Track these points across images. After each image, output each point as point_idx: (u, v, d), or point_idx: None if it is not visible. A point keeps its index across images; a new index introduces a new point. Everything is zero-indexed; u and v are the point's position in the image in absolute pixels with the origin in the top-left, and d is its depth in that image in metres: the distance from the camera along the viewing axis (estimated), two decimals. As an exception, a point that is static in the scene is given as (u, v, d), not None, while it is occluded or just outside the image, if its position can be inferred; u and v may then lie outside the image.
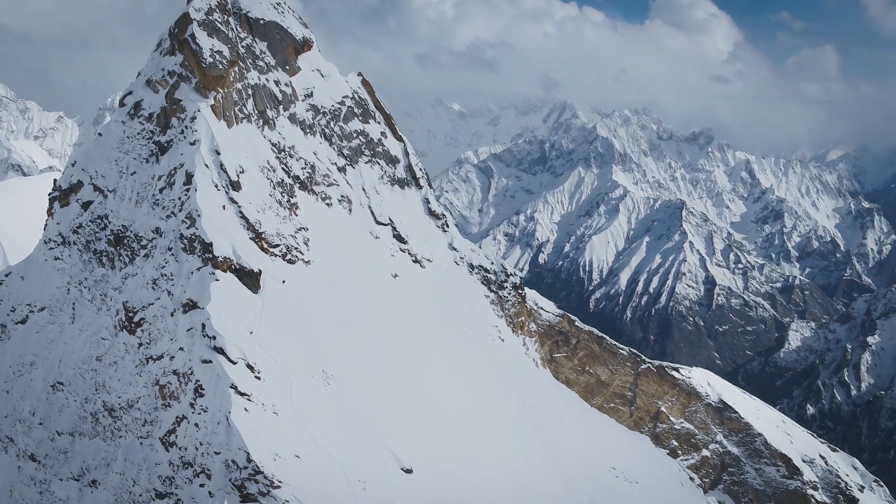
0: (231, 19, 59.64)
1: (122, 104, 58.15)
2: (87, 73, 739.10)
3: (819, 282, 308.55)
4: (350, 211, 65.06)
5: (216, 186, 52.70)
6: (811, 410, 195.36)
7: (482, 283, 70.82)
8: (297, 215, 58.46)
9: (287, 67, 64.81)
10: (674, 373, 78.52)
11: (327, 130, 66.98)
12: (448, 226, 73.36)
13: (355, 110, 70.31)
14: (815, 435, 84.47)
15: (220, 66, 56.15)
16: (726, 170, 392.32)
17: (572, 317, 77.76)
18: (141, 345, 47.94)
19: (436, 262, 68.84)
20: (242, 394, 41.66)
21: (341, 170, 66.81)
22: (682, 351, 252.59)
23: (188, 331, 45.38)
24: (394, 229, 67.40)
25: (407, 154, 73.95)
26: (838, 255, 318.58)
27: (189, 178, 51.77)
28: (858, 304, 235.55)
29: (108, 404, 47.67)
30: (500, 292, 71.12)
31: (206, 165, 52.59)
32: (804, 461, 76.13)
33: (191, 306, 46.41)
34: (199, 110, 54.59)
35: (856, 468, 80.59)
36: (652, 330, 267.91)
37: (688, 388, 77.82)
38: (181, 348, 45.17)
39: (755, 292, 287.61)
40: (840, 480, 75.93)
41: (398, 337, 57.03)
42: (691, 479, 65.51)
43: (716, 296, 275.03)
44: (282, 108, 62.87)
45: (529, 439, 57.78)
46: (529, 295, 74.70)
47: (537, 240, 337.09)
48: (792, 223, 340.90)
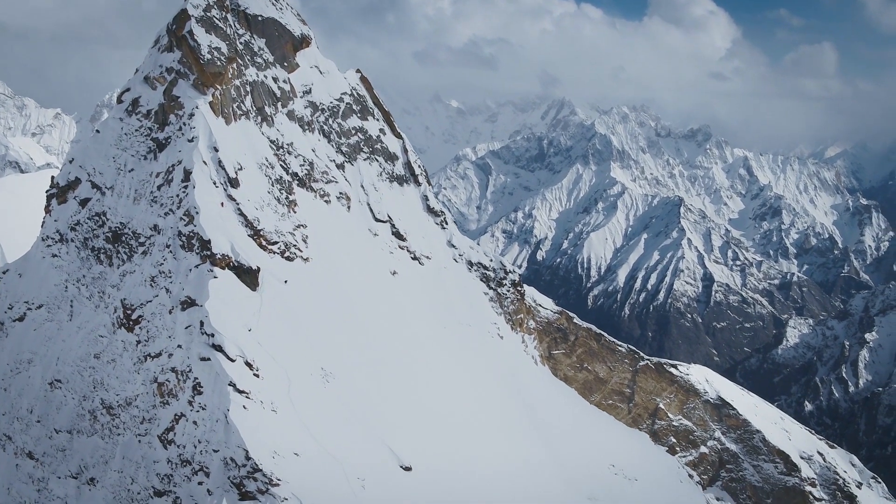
0: (229, 16, 59.43)
1: (119, 101, 57.92)
2: (85, 69, 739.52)
3: (817, 279, 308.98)
4: (349, 208, 64.89)
5: (214, 183, 52.52)
6: (809, 407, 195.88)
7: (481, 280, 70.67)
8: (295, 212, 58.28)
9: (285, 64, 64.60)
10: (672, 370, 78.50)
11: (326, 127, 66.80)
12: (447, 223, 73.17)
13: (354, 107, 70.10)
14: (813, 432, 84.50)
15: (219, 63, 55.94)
16: (724, 167, 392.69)
17: (570, 314, 77.66)
18: (139, 342, 47.80)
19: (435, 259, 68.69)
20: (241, 391, 41.52)
21: (340, 167, 66.63)
22: (680, 348, 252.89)
23: (186, 328, 45.24)
24: (392, 226, 67.23)
25: (406, 151, 73.74)
26: (836, 252, 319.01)
27: (187, 175, 51.57)
28: (856, 300, 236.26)
29: (107, 402, 47.54)
30: (498, 289, 70.99)
31: (205, 162, 52.40)
32: (802, 458, 76.11)
33: (189, 304, 46.27)
34: (197, 107, 54.36)
35: (854, 465, 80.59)
36: (650, 327, 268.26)
37: (686, 385, 77.80)
38: (179, 346, 45.02)
39: (753, 289, 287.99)
40: (838, 477, 75.93)
41: (397, 334, 56.88)
42: (690, 476, 65.53)
43: (714, 293, 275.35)
44: (280, 104, 62.66)
45: (529, 437, 57.68)
46: (528, 292, 74.59)
47: (535, 237, 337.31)
48: (790, 220, 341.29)
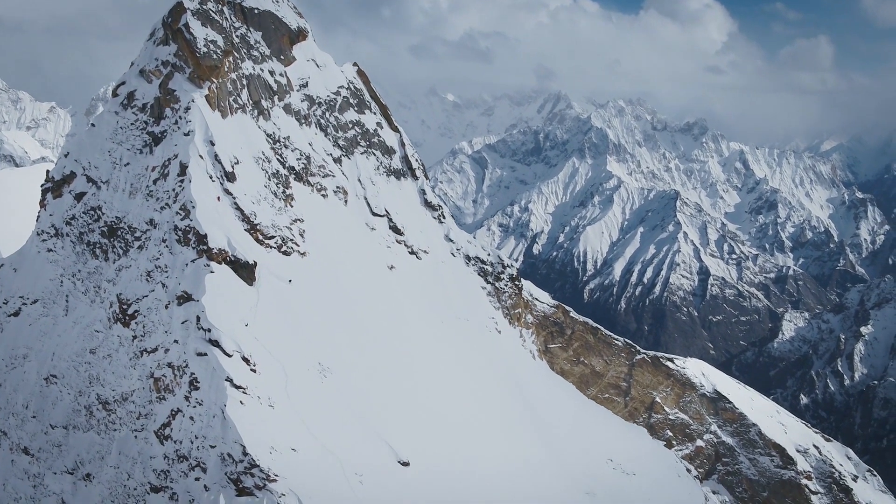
0: (225, 8, 59.00)
1: (115, 94, 57.53)
2: (80, 62, 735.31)
3: (813, 272, 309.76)
4: (346, 202, 64.62)
5: (211, 177, 52.25)
6: (805, 400, 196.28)
7: (479, 274, 70.49)
8: (292, 206, 58.03)
9: (282, 57, 64.21)
10: (668, 363, 78.57)
11: (323, 121, 66.47)
12: (444, 217, 72.93)
13: (351, 101, 69.75)
14: (808, 425, 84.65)
15: (215, 56, 55.55)
16: (720, 160, 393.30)
17: (567, 307, 77.62)
18: (135, 337, 47.57)
19: (432, 253, 68.45)
20: (238, 387, 41.31)
21: (337, 161, 66.32)
22: (676, 341, 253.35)
23: (183, 323, 44.98)
24: (390, 220, 66.98)
25: (403, 145, 73.44)
26: (832, 246, 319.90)
27: (183, 168, 51.24)
28: (852, 294, 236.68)
29: (102, 397, 47.34)
30: (496, 284, 70.84)
31: (201, 156, 52.10)
32: (798, 451, 76.34)
33: (185, 298, 46.00)
34: (193, 100, 54.01)
35: (849, 458, 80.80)
36: (646, 320, 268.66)
37: (682, 379, 77.90)
38: (176, 341, 44.77)
39: (749, 282, 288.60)
40: (834, 470, 76.20)
41: (394, 329, 56.69)
42: (688, 470, 65.61)
43: (710, 286, 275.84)
44: (277, 98, 62.31)
45: (526, 431, 57.61)
46: (525, 286, 74.52)
47: (532, 230, 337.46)
48: (786, 214, 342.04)
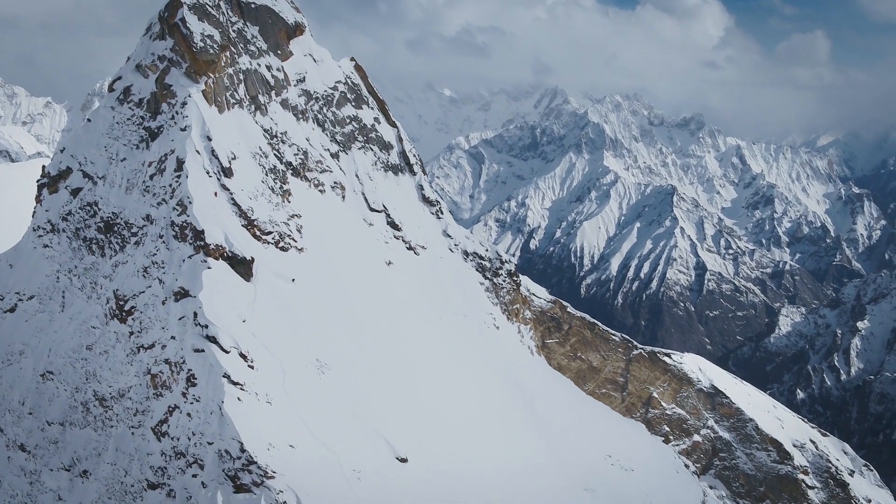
0: (222, 3, 58.62)
1: (111, 89, 57.23)
2: (76, 57, 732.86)
3: (809, 267, 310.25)
4: (343, 197, 64.40)
5: (207, 173, 51.99)
6: (801, 395, 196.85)
7: (477, 270, 70.34)
8: (289, 202, 57.80)
9: (279, 52, 63.89)
10: (665, 358, 78.46)
11: (320, 116, 66.19)
12: (442, 212, 72.76)
13: (348, 96, 69.49)
14: (805, 420, 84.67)
15: (211, 51, 55.26)
16: (717, 155, 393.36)
17: (564, 303, 77.56)
18: (132, 333, 47.39)
19: (430, 249, 68.27)
20: (235, 383, 41.18)
21: (334, 156, 66.09)
22: (672, 336, 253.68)
23: (180, 319, 44.81)
24: (387, 216, 66.78)
25: (401, 140, 73.18)
26: (828, 241, 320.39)
27: (180, 164, 51.00)
28: (848, 289, 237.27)
29: (99, 394, 47.16)
30: (494, 279, 70.69)
31: (198, 151, 51.84)
32: (795, 446, 76.26)
33: (182, 294, 45.82)
34: (189, 95, 53.75)
35: (846, 453, 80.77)
36: (643, 315, 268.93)
37: (679, 374, 77.79)
38: (173, 337, 44.58)
39: (746, 278, 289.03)
40: (830, 465, 76.10)
41: (392, 325, 56.56)
42: (686, 465, 65.59)
43: (706, 281, 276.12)
44: (274, 93, 62.01)
45: (525, 428, 57.56)
46: (522, 281, 74.42)
47: (528, 226, 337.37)
48: (782, 209, 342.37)
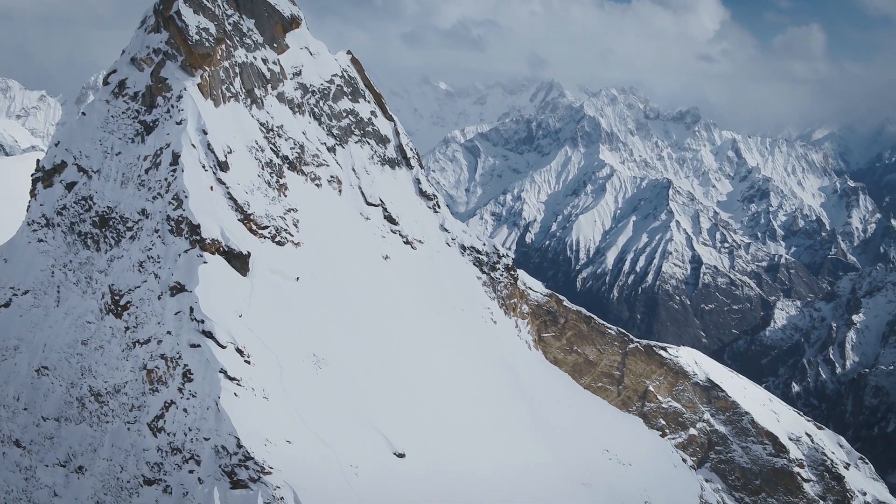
0: (217, -5, 58.18)
1: (105, 83, 56.71)
2: (70, 51, 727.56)
3: (804, 260, 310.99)
4: (340, 191, 64.11)
5: (203, 167, 51.60)
6: (796, 388, 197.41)
7: (474, 264, 70.17)
8: (286, 196, 57.47)
9: (275, 45, 63.40)
10: (661, 352, 78.54)
11: (316, 110, 65.81)
12: (439, 206, 72.50)
13: (345, 89, 69.10)
14: (801, 413, 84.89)
15: (207, 44, 54.77)
16: (713, 149, 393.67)
17: (560, 296, 77.49)
18: (127, 328, 47.07)
19: (427, 243, 68.02)
20: (232, 378, 40.88)
21: (331, 150, 65.73)
22: (668, 330, 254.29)
23: (176, 314, 44.50)
24: (384, 210, 66.51)
25: (397, 134, 72.83)
26: (823, 234, 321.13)
27: (175, 158, 50.58)
28: (843, 282, 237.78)
29: (95, 389, 46.87)
30: (492, 274, 70.55)
31: (193, 145, 51.42)
32: (791, 439, 76.48)
33: (178, 289, 45.48)
34: (185, 89, 53.25)
35: (841, 446, 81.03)
36: (638, 309, 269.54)
37: (675, 368, 77.89)
38: (169, 332, 44.26)
39: (741, 271, 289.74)
40: (826, 458, 76.35)
41: (389, 319, 56.35)
42: (684, 460, 65.70)
43: (702, 275, 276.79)
44: (270, 86, 61.57)
45: (522, 423, 57.49)
46: (519, 275, 74.30)
47: (524, 219, 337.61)
48: (778, 202, 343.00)
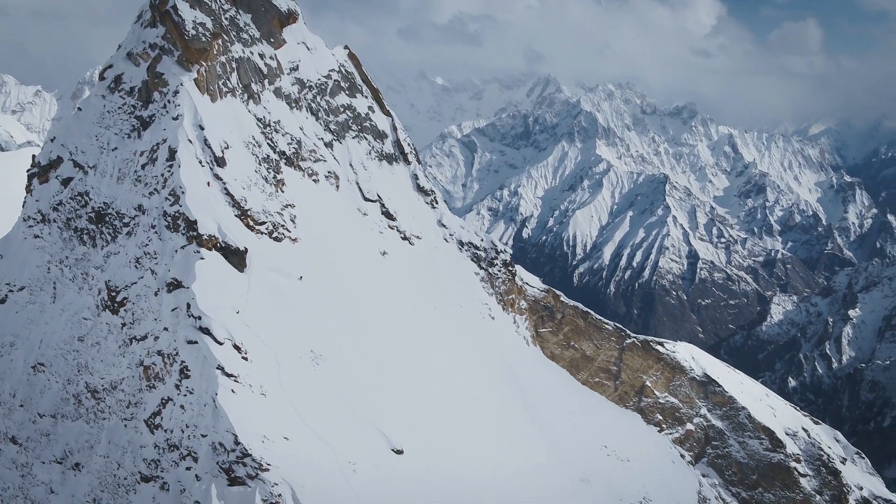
0: (213, -10, 57.87)
1: (101, 78, 56.38)
2: (66, 45, 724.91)
3: (801, 255, 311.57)
4: (337, 187, 63.91)
5: (200, 162, 51.34)
6: (793, 383, 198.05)
7: (472, 260, 70.06)
8: (283, 192, 57.26)
9: (272, 40, 63.11)
10: (658, 347, 78.57)
11: (314, 105, 65.56)
12: (437, 202, 72.36)
13: (342, 84, 68.84)
14: (797, 408, 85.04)
15: (203, 39, 54.45)
16: (709, 144, 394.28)
17: (557, 291, 77.50)
18: (124, 325, 46.89)
19: (425, 239, 67.89)
20: (229, 375, 40.71)
21: (328, 145, 65.52)
22: (664, 325, 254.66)
23: (173, 310, 44.28)
24: (382, 206, 66.31)
25: (395, 129, 72.61)
26: (820, 229, 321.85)
27: (172, 153, 50.30)
28: (840, 277, 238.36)
29: (91, 385, 46.72)
30: (490, 269, 70.46)
31: (190, 141, 51.18)
32: (787, 434, 76.60)
33: (175, 285, 45.28)
34: (181, 84, 52.94)
35: (838, 441, 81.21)
36: (635, 304, 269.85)
37: (672, 363, 77.91)
38: (166, 328, 44.08)
39: (738, 266, 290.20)
40: (822, 453, 76.51)
41: (387, 315, 56.22)
42: (682, 455, 65.72)
43: (699, 270, 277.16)
44: (267, 81, 61.28)
45: (521, 419, 57.46)
46: (516, 271, 74.25)
47: (521, 214, 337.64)
48: (774, 197, 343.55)
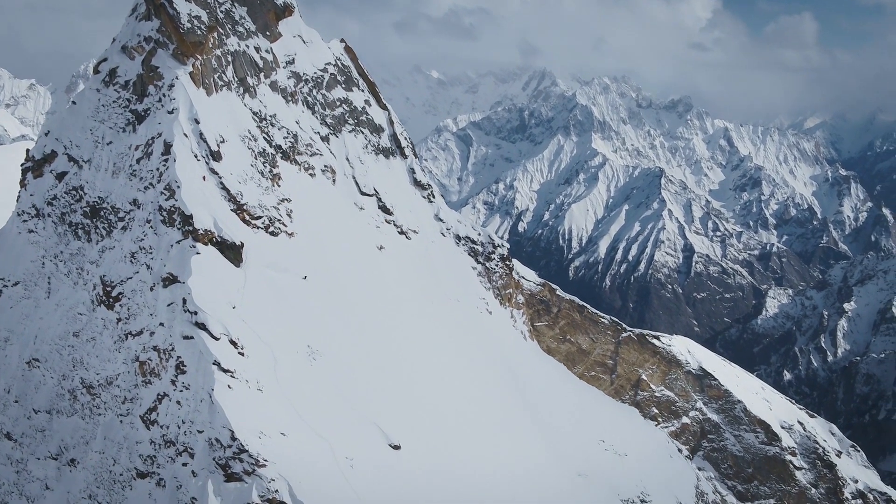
0: (208, -18, 57.46)
1: (96, 71, 55.96)
2: (60, 39, 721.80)
3: (796, 249, 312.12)
4: (334, 181, 63.65)
5: (196, 157, 51.01)
6: (788, 376, 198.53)
7: (469, 254, 69.91)
8: (279, 186, 56.98)
9: (268, 33, 62.74)
10: (654, 341, 78.54)
11: (310, 98, 65.25)
12: (434, 196, 72.20)
13: (338, 78, 68.50)
14: (793, 401, 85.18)
15: (199, 32, 54.06)
16: (705, 137, 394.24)
17: (553, 285, 77.37)
18: (119, 320, 46.63)
19: (422, 233, 67.69)
20: (226, 370, 40.50)
21: (324, 139, 65.23)
22: (660, 318, 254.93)
23: (168, 306, 44.05)
24: (379, 200, 66.09)
25: (392, 123, 72.34)
26: (815, 223, 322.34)
27: (167, 147, 49.97)
28: (835, 270, 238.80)
29: (87, 381, 46.47)
30: (487, 264, 70.31)
31: (185, 135, 50.80)
32: (783, 427, 76.70)
33: (171, 280, 45.01)
34: (177, 77, 52.54)
35: (833, 434, 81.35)
36: (631, 298, 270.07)
37: (668, 356, 77.92)
38: (161, 324, 43.80)
39: (733, 260, 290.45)
40: (818, 446, 76.64)
41: (384, 310, 56.07)
42: (679, 450, 65.78)
43: (694, 263, 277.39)
44: (263, 75, 60.95)
45: (518, 413, 57.45)
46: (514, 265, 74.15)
47: (517, 208, 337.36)
48: (769, 191, 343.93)
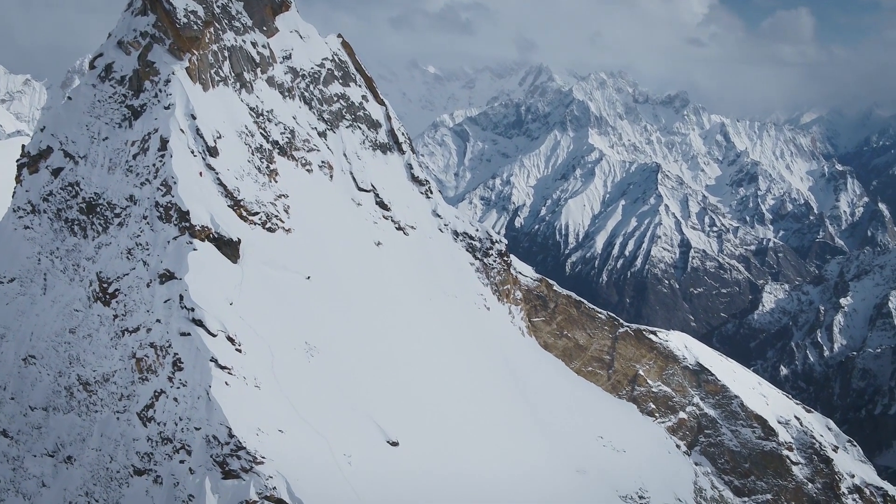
0: (205, -23, 57.15)
1: (92, 66, 55.72)
2: (55, 34, 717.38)
3: (793, 244, 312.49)
4: (331, 177, 63.46)
5: (192, 152, 50.80)
6: (784, 371, 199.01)
7: (467, 250, 69.83)
8: (276, 182, 56.80)
9: (264, 28, 62.48)
10: (651, 336, 78.58)
11: (307, 94, 65.00)
12: (431, 192, 72.05)
13: (335, 73, 68.28)
14: (789, 396, 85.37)
15: (195, 27, 53.79)
16: (701, 133, 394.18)
17: (550, 281, 77.42)
18: (116, 317, 46.46)
19: (419, 229, 67.54)
20: (223, 367, 40.40)
21: (322, 135, 65.01)
22: (657, 314, 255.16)
23: (165, 302, 43.90)
24: (376, 196, 65.93)
25: (389, 118, 72.15)
26: (812, 218, 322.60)
27: (164, 143, 49.77)
28: (831, 266, 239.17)
29: (83, 378, 46.31)
30: (485, 260, 70.24)
31: (182, 130, 50.62)
32: (780, 422, 76.83)
33: (168, 277, 44.85)
34: (173, 73, 52.30)
35: (830, 429, 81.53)
36: (627, 293, 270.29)
37: (665, 352, 77.98)
38: (158, 320, 43.65)
39: (730, 255, 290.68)
40: (815, 441, 76.78)
41: (382, 306, 55.97)
42: (677, 446, 65.82)
43: (691, 258, 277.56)
44: (259, 70, 60.71)
45: (516, 409, 57.46)
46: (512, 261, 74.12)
47: (513, 203, 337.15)
48: (766, 186, 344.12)
